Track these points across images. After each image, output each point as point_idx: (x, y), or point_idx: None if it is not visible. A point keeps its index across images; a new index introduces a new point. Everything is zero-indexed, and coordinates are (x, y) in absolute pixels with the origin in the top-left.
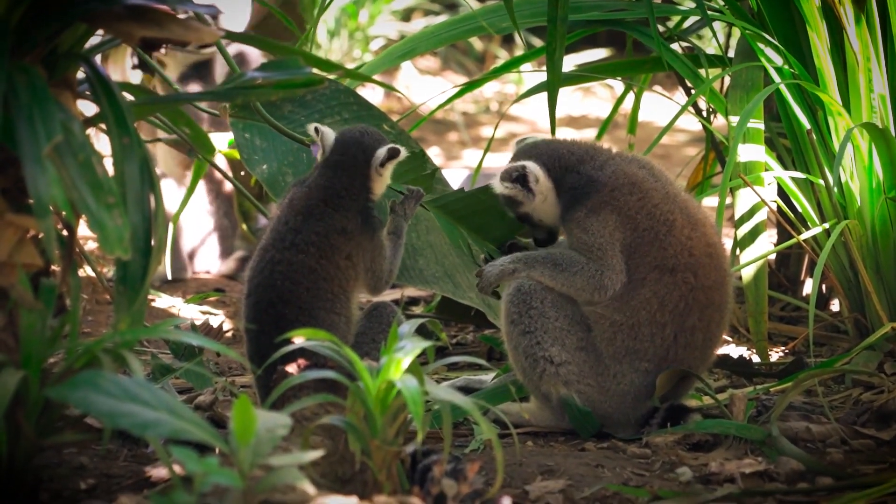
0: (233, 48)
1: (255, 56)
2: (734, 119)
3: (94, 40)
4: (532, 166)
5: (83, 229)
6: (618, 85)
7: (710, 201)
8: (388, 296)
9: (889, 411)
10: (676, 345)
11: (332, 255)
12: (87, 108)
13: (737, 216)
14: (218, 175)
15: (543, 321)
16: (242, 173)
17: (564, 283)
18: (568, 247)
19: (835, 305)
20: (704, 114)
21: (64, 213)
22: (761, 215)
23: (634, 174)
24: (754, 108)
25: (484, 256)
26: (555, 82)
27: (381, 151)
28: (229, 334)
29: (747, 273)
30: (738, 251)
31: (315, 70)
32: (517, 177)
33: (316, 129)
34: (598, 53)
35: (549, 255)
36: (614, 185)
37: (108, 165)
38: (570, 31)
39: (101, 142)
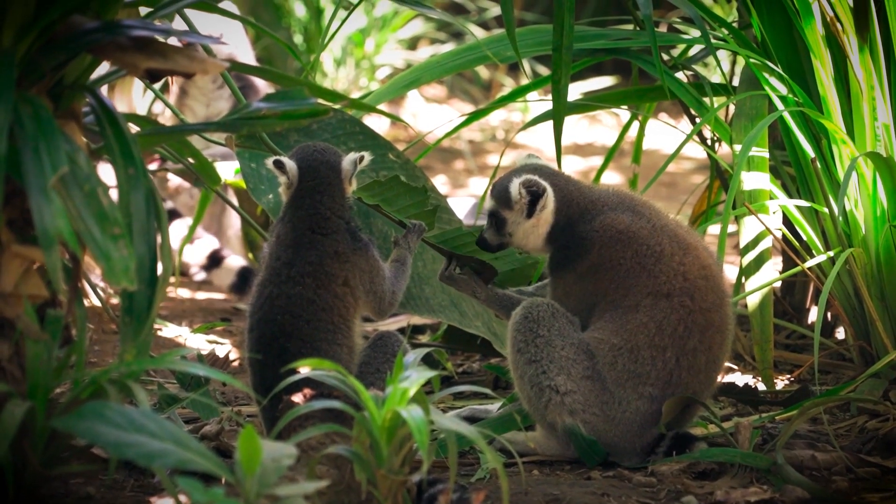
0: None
1: (263, 84)
2: (739, 147)
3: (100, 70)
4: (551, 196)
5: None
6: (624, 112)
7: (716, 229)
8: (394, 324)
9: (894, 439)
10: (679, 368)
11: (328, 283)
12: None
13: (742, 244)
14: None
15: (550, 350)
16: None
17: None
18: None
19: (840, 333)
20: (709, 142)
21: (69, 243)
22: (766, 243)
23: (620, 222)
24: (757, 135)
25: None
26: (560, 111)
27: (348, 165)
28: (236, 364)
29: (753, 301)
30: (743, 279)
31: (320, 100)
32: (534, 192)
33: (279, 163)
34: (605, 81)
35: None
36: (602, 243)
37: (114, 196)
38: (575, 60)
39: (108, 172)
